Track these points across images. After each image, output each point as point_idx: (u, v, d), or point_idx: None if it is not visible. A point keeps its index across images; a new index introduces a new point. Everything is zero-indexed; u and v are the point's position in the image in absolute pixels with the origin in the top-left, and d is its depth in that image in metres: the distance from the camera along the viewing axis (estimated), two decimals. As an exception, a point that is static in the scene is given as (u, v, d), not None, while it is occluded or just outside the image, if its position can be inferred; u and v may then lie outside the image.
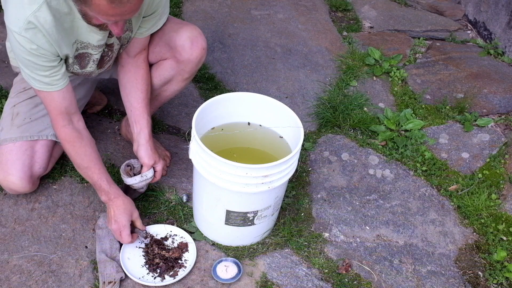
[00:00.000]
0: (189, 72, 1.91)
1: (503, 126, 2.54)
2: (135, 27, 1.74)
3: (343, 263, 1.86)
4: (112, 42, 1.73)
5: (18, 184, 1.80)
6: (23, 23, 1.44)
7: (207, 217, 1.82)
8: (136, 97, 1.84)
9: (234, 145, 1.86)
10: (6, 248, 1.77)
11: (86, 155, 1.72)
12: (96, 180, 1.74)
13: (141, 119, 1.84)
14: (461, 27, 3.31)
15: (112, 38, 1.71)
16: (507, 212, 2.10)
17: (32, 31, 1.46)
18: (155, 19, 1.78)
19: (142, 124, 1.84)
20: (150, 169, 1.85)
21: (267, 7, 3.26)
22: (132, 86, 1.84)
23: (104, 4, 1.32)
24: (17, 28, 1.45)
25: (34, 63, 1.53)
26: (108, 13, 1.37)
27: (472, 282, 1.86)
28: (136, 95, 1.84)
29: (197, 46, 1.84)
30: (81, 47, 1.65)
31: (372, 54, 2.89)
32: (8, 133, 1.82)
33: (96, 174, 1.73)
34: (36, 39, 1.48)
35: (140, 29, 1.76)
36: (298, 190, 2.11)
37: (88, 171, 1.73)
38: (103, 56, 1.76)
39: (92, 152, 1.73)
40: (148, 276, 1.72)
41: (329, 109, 2.47)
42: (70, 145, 1.70)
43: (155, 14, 1.75)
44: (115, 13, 1.37)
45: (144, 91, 1.85)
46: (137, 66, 1.84)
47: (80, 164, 1.73)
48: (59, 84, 1.61)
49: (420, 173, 2.25)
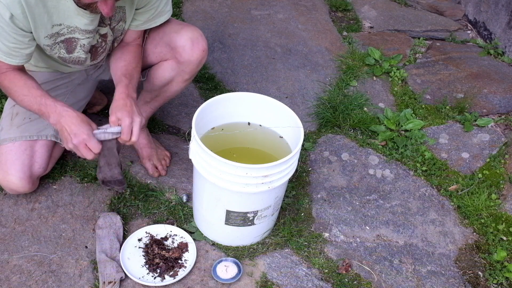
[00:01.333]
0: (189, 73, 1.91)
1: (503, 126, 2.54)
2: (129, 18, 1.73)
3: (343, 263, 1.86)
4: (105, 32, 1.72)
5: (18, 184, 1.80)
6: None
7: (207, 217, 1.82)
8: (119, 65, 1.77)
9: (234, 145, 1.86)
10: (6, 248, 1.77)
11: (26, 84, 1.63)
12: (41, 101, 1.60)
13: (116, 81, 1.72)
14: (461, 27, 3.31)
15: (106, 28, 1.71)
16: (507, 212, 2.10)
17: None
18: (150, 13, 1.77)
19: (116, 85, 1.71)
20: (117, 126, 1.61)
21: (267, 7, 3.26)
22: (118, 57, 1.81)
23: None
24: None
25: (2, 29, 1.50)
26: None
27: (472, 282, 1.86)
28: (119, 64, 1.77)
29: (198, 47, 1.84)
30: (68, 31, 1.63)
31: (372, 54, 2.89)
32: (7, 133, 1.82)
33: (39, 96, 1.61)
34: (12, 7, 1.46)
35: (135, 21, 1.75)
36: (298, 190, 2.11)
37: (30, 96, 1.62)
38: (97, 47, 1.74)
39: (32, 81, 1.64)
40: (148, 276, 1.72)
41: (329, 109, 2.47)
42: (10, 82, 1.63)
43: (149, 7, 1.74)
44: None
45: (127, 61, 1.77)
46: (126, 44, 1.83)
47: (21, 93, 1.62)
48: (17, 60, 1.60)
49: (420, 173, 2.26)
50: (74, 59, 1.76)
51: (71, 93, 1.96)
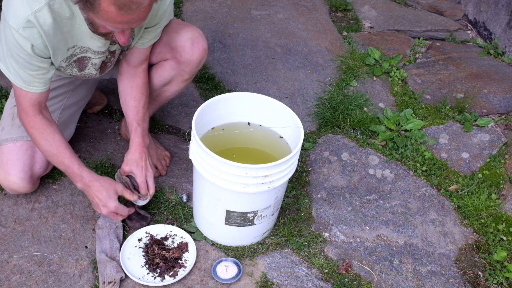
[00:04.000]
0: (189, 73, 1.91)
1: (503, 126, 2.54)
2: (137, 35, 1.74)
3: (343, 263, 1.86)
4: (115, 49, 1.74)
5: (19, 184, 1.80)
6: (22, 21, 1.44)
7: (207, 217, 1.82)
8: (129, 105, 1.85)
9: (234, 145, 1.86)
10: (6, 248, 1.77)
11: (55, 141, 1.68)
12: (68, 165, 1.69)
13: (130, 126, 1.85)
14: (461, 27, 3.31)
15: (115, 45, 1.72)
16: (507, 212, 2.10)
17: (30, 30, 1.46)
18: (158, 31, 1.79)
19: (130, 131, 1.85)
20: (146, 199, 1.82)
21: (267, 7, 3.26)
22: (127, 94, 1.85)
23: (113, 10, 1.32)
24: (16, 25, 1.45)
25: (24, 60, 1.52)
26: (116, 20, 1.37)
27: (472, 282, 1.86)
28: (129, 103, 1.85)
29: (198, 47, 1.84)
30: (80, 51, 1.65)
31: (372, 54, 2.89)
32: (8, 133, 1.82)
33: (67, 158, 1.69)
34: (32, 39, 1.48)
35: (142, 39, 1.76)
36: (298, 190, 2.11)
37: (58, 157, 1.69)
38: (106, 62, 1.77)
39: (61, 138, 1.70)
40: (148, 276, 1.72)
41: (329, 109, 2.47)
42: (38, 132, 1.67)
43: (158, 26, 1.75)
44: (123, 20, 1.37)
45: (137, 99, 1.85)
46: (134, 74, 1.85)
47: (50, 151, 1.69)
48: (41, 87, 1.61)
49: (420, 173, 2.26)
50: (84, 75, 1.79)
51: (72, 92, 1.96)
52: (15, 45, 1.49)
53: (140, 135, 1.83)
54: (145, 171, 1.80)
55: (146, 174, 1.80)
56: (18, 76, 1.57)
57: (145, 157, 1.82)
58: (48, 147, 1.68)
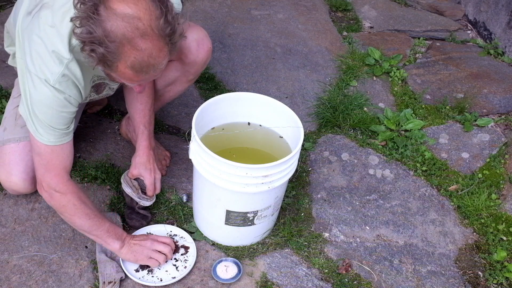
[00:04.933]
0: (194, 74, 1.91)
1: (503, 126, 2.54)
2: None
3: (343, 263, 1.86)
4: None
5: (21, 185, 1.80)
6: (57, 76, 1.45)
7: (207, 217, 1.82)
8: (136, 108, 1.87)
9: (234, 145, 1.86)
10: (6, 248, 1.77)
11: (91, 203, 1.66)
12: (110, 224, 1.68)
13: (137, 129, 1.87)
14: (461, 27, 3.31)
15: None
16: (507, 212, 2.10)
17: (66, 83, 1.48)
18: None
19: (137, 134, 1.87)
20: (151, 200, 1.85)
21: (267, 7, 3.26)
22: (134, 97, 1.87)
23: (130, 73, 1.36)
24: (52, 80, 1.45)
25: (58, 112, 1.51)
26: (133, 80, 1.41)
27: (472, 282, 1.86)
28: (136, 107, 1.87)
29: (203, 48, 1.84)
30: (98, 79, 1.69)
31: (372, 54, 2.89)
32: (11, 133, 1.82)
33: (107, 221, 1.67)
34: (68, 89, 1.50)
35: None
36: (298, 190, 2.11)
37: (98, 219, 1.65)
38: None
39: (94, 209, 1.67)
40: (148, 276, 1.72)
41: (329, 109, 2.47)
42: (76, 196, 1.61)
43: None
44: (139, 79, 1.41)
45: (143, 103, 1.86)
46: None
47: (90, 213, 1.63)
48: (70, 136, 1.60)
49: (420, 173, 2.25)
50: (102, 96, 1.83)
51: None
52: (51, 99, 1.48)
53: (147, 138, 1.85)
54: (154, 174, 1.84)
55: (155, 176, 1.84)
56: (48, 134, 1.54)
57: (152, 160, 1.85)
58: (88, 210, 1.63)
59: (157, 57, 1.34)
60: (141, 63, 1.33)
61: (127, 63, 1.33)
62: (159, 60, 1.36)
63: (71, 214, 1.63)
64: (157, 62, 1.36)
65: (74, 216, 1.63)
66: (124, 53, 1.31)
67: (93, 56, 1.32)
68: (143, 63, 1.33)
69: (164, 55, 1.36)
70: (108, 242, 1.68)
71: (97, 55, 1.32)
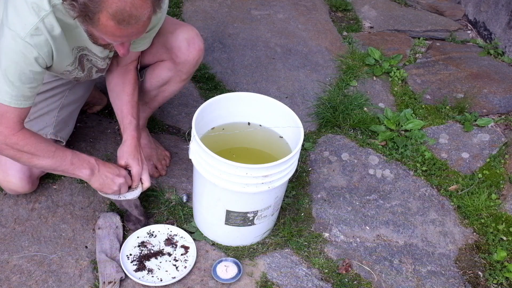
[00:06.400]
0: (186, 73, 1.91)
1: (503, 126, 2.54)
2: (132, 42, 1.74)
3: (343, 263, 1.86)
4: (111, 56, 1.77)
5: (18, 185, 1.80)
6: (30, 29, 1.42)
7: (207, 217, 1.82)
8: (123, 100, 1.83)
9: (234, 145, 1.86)
10: (6, 248, 1.77)
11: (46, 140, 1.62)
12: (72, 154, 1.64)
13: (125, 120, 1.82)
14: (461, 27, 3.31)
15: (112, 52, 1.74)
16: (507, 212, 2.10)
17: (38, 38, 1.44)
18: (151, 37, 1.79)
19: (124, 124, 1.82)
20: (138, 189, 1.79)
21: (267, 7, 3.26)
22: (120, 89, 1.84)
23: (112, 25, 1.33)
24: (24, 33, 1.42)
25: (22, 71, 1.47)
26: (115, 34, 1.37)
27: (472, 282, 1.86)
28: (123, 98, 1.83)
29: (194, 47, 1.83)
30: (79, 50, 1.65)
31: (372, 54, 2.89)
32: (7, 133, 1.81)
33: (67, 150, 1.65)
34: (39, 47, 1.46)
35: (135, 43, 1.76)
36: (298, 190, 2.11)
37: (58, 152, 1.61)
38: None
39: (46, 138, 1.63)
40: (148, 276, 1.72)
41: (329, 109, 2.47)
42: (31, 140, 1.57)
43: (151, 32, 1.76)
44: (121, 34, 1.38)
45: (130, 94, 1.83)
46: (126, 71, 1.85)
47: (49, 151, 1.59)
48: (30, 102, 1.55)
49: (420, 173, 2.26)
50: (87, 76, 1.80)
51: (69, 91, 1.96)
52: (17, 54, 1.45)
53: (134, 129, 1.80)
54: (141, 164, 1.77)
55: (142, 166, 1.78)
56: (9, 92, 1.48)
57: (140, 150, 1.79)
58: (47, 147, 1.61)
59: (139, 8, 1.32)
60: (123, 12, 1.30)
61: (109, 12, 1.30)
62: (141, 11, 1.33)
63: (27, 160, 1.59)
64: (140, 13, 1.33)
65: (32, 160, 1.59)
66: (106, 1, 1.29)
67: (74, 5, 1.30)
68: (125, 13, 1.30)
69: (147, 6, 1.34)
70: (76, 173, 1.66)
71: (78, 4, 1.29)
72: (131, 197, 1.77)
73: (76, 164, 1.65)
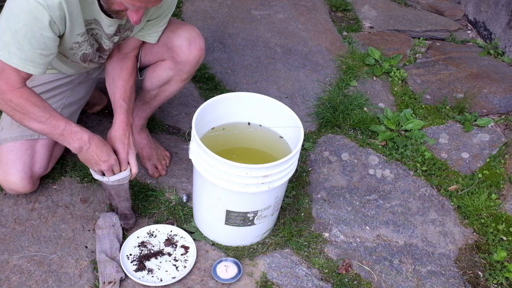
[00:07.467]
0: (187, 73, 1.91)
1: (503, 126, 2.54)
2: (137, 28, 1.74)
3: (343, 263, 1.86)
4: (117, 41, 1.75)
5: (19, 184, 1.80)
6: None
7: (207, 217, 1.82)
8: (117, 84, 1.81)
9: (234, 145, 1.86)
10: (6, 248, 1.77)
11: (45, 106, 1.57)
12: (65, 126, 1.59)
13: (116, 104, 1.78)
14: (461, 27, 3.31)
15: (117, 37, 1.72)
16: (507, 212, 2.10)
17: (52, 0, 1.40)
18: (160, 25, 1.79)
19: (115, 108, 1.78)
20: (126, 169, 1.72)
21: (267, 7, 3.26)
22: (115, 74, 1.83)
23: None
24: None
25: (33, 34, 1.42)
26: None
27: (472, 282, 1.86)
28: (117, 83, 1.81)
29: (195, 47, 1.84)
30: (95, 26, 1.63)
31: (372, 54, 2.89)
32: (8, 132, 1.81)
33: (62, 120, 1.59)
34: (52, 9, 1.41)
35: (142, 30, 1.76)
36: (298, 190, 2.11)
37: (52, 120, 1.57)
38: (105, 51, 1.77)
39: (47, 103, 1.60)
40: (148, 276, 1.72)
41: (329, 109, 2.47)
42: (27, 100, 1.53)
43: (160, 19, 1.75)
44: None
45: (125, 80, 1.81)
46: (125, 57, 1.85)
47: (43, 116, 1.56)
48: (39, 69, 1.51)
49: (420, 173, 2.26)
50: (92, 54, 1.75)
51: (71, 91, 1.97)
52: (28, 16, 1.40)
53: (125, 112, 1.75)
54: (127, 148, 1.71)
55: (129, 151, 1.71)
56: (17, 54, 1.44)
57: (128, 135, 1.73)
58: (38, 112, 1.55)
59: None
60: None
61: None
62: None
63: (20, 119, 1.57)
64: None
65: (23, 121, 1.57)
66: None
67: None
68: None
69: None
70: (64, 144, 1.63)
71: None
72: (113, 180, 1.70)
73: (66, 136, 1.60)
